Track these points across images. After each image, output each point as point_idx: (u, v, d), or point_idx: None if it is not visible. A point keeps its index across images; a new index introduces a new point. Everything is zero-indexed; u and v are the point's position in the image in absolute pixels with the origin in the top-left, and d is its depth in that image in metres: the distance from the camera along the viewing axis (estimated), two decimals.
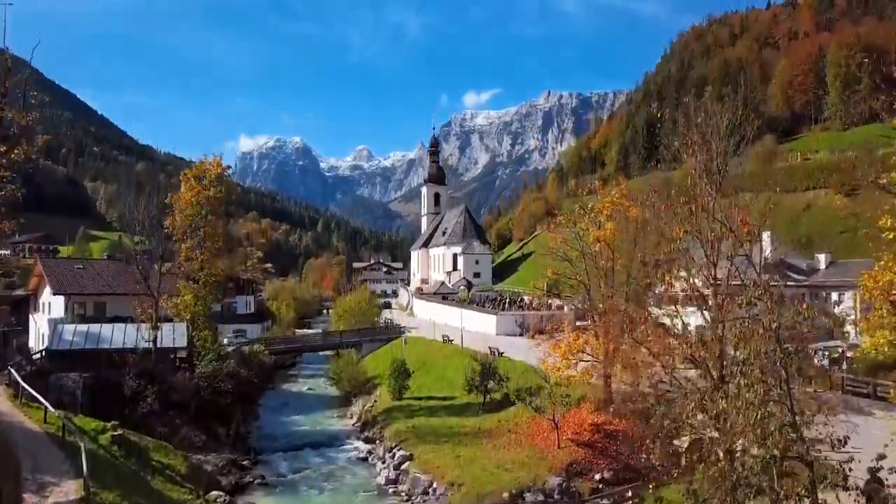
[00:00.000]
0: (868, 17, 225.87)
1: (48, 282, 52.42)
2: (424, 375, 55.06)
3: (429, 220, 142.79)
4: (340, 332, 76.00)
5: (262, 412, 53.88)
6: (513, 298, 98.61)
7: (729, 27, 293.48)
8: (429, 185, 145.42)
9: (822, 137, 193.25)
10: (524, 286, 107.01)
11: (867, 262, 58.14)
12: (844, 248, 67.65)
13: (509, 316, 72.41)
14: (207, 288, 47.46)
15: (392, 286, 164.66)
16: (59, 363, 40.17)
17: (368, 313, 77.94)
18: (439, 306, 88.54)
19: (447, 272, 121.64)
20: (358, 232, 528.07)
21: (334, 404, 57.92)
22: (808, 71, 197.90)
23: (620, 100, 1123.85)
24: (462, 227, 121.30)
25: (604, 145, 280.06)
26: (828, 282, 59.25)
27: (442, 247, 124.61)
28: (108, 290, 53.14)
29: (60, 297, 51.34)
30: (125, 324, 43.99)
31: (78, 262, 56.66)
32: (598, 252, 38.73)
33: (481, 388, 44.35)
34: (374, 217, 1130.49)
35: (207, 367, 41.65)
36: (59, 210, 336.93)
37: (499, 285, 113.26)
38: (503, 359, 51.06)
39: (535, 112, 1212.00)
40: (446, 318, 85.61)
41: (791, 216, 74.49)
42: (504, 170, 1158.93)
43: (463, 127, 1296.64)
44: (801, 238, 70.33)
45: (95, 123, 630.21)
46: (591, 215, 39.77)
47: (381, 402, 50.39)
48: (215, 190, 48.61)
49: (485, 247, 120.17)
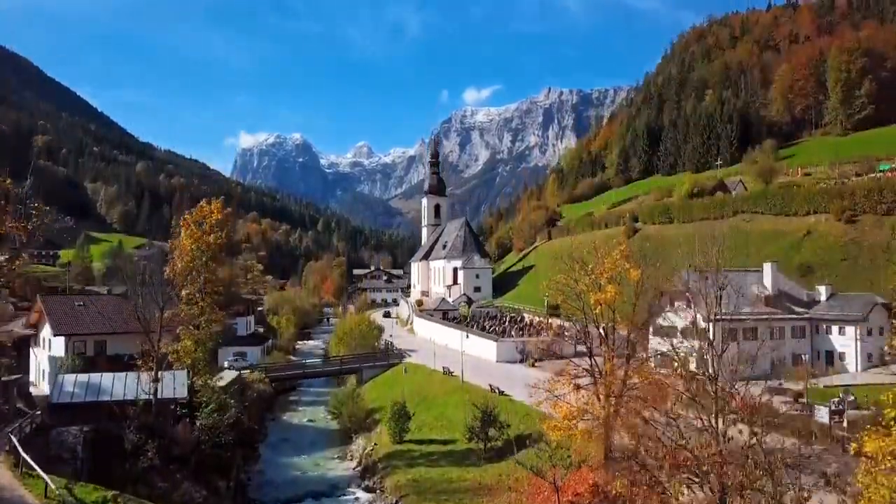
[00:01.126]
0: (869, 20, 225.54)
1: (49, 321, 52.36)
2: (425, 412, 55.04)
3: (429, 231, 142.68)
4: (341, 357, 75.96)
5: (263, 450, 53.86)
6: (513, 317, 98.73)
7: (729, 28, 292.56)
8: (429, 197, 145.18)
9: (823, 143, 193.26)
10: (524, 302, 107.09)
11: (868, 296, 58.38)
12: (845, 277, 67.66)
13: (510, 342, 72.41)
14: (208, 333, 47.38)
15: (392, 294, 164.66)
16: (60, 417, 40.13)
17: (368, 336, 77.88)
18: (440, 327, 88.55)
19: (447, 286, 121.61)
20: (358, 232, 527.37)
21: (335, 441, 57.91)
22: (809, 75, 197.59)
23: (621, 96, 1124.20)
24: (462, 240, 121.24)
25: (604, 147, 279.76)
26: (827, 315, 59.28)
27: (442, 260, 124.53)
28: (108, 329, 53.07)
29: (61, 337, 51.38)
30: (125, 373, 43.86)
31: (78, 299, 56.47)
32: (598, 314, 38.53)
33: (482, 435, 44.32)
34: (375, 214, 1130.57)
35: (208, 420, 41.56)
36: (59, 211, 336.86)
37: (499, 300, 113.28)
38: (504, 399, 51.03)
39: (536, 109, 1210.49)
40: (447, 339, 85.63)
41: (791, 242, 74.33)
42: (504, 166, 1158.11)
43: (463, 124, 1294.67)
44: (802, 266, 70.30)
45: (95, 121, 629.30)
46: (592, 277, 39.51)
47: (382, 444, 50.39)
48: (216, 235, 48.44)
49: (485, 260, 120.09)
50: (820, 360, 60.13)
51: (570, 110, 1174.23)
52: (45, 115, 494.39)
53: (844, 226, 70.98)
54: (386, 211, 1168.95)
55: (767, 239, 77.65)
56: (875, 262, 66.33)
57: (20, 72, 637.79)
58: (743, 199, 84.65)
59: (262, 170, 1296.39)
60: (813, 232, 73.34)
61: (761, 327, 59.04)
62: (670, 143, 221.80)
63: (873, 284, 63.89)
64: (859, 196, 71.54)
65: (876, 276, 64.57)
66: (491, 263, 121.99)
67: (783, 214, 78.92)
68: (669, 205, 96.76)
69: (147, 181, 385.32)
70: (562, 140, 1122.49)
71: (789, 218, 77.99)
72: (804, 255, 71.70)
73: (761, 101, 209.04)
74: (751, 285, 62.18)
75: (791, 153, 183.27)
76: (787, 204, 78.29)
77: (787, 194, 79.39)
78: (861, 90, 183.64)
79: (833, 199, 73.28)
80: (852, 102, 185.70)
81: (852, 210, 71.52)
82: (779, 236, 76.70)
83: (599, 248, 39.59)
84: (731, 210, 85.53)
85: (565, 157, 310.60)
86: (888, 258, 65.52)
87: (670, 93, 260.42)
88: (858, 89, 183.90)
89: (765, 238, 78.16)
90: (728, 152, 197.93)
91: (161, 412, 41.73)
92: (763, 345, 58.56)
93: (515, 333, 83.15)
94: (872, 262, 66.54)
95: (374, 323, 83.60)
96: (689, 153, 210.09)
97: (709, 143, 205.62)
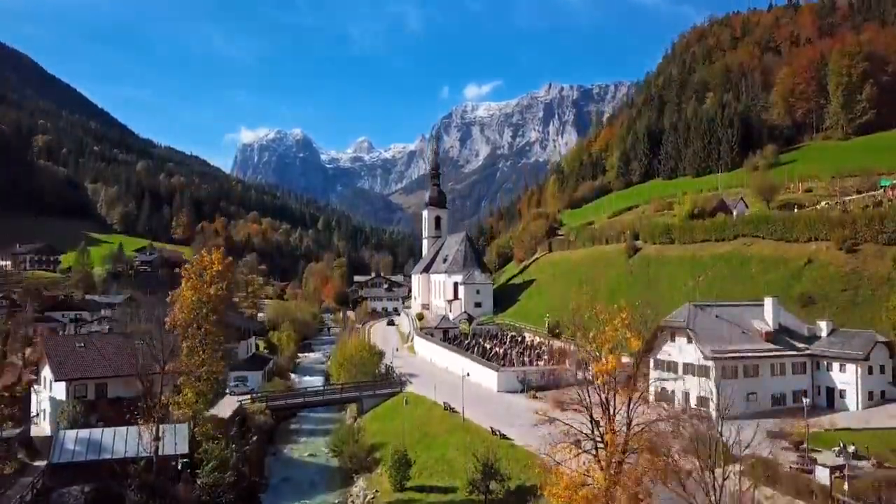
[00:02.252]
0: (870, 21, 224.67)
1: (49, 365, 52.37)
2: (425, 452, 55.09)
3: (430, 242, 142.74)
4: (341, 385, 75.98)
5: (265, 498, 53.81)
6: (514, 336, 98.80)
7: (730, 29, 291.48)
8: (430, 209, 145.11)
9: (824, 148, 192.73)
10: (525, 319, 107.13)
11: (868, 333, 58.28)
12: (845, 308, 67.55)
13: (510, 372, 72.41)
14: (209, 385, 47.36)
15: (393, 303, 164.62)
16: (61, 477, 40.26)
17: (369, 364, 77.82)
18: (441, 350, 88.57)
19: (448, 300, 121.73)
20: (359, 231, 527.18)
21: (336, 480, 57.93)
22: (810, 79, 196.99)
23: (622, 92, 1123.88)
24: (463, 255, 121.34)
25: (605, 149, 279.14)
26: (828, 352, 59.17)
27: (443, 274, 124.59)
28: (109, 371, 53.03)
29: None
30: (126, 428, 43.88)
31: (79, 339, 56.40)
32: (600, 386, 38.47)
33: (483, 487, 44.34)
34: (375, 209, 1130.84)
35: (209, 478, 41.55)
36: (59, 212, 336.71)
37: (500, 316, 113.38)
38: (505, 444, 51.00)
39: (536, 104, 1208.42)
40: (447, 362, 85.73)
41: (792, 270, 74.15)
42: (505, 162, 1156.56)
43: (464, 119, 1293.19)
44: (803, 296, 70.18)
45: (96, 118, 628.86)
46: (594, 346, 39.42)
47: (383, 491, 50.41)
48: (216, 287, 48.36)
49: (485, 275, 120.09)
50: (821, 395, 60.09)
51: (570, 106, 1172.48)
52: (45, 113, 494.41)
53: (846, 255, 70.77)
54: (386, 206, 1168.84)
55: (768, 265, 77.50)
56: (876, 294, 66.17)
57: (20, 69, 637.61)
58: (744, 223, 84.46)
59: (262, 165, 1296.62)
60: (814, 260, 73.13)
61: (762, 364, 59.07)
62: (671, 146, 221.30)
63: (874, 317, 63.82)
64: (860, 225, 71.34)
65: (877, 308, 64.45)
66: (491, 278, 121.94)
67: (784, 240, 78.69)
68: (670, 225, 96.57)
69: (147, 181, 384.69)
70: (562, 135, 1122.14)
71: (790, 244, 77.76)
72: (805, 284, 71.53)
73: (762, 105, 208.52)
74: (751, 320, 62.08)
75: (792, 158, 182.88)
76: (788, 230, 78.06)
77: (788, 220, 79.14)
78: (862, 94, 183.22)
79: (834, 228, 73.01)
80: (853, 107, 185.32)
81: (853, 239, 71.32)
82: (780, 263, 76.53)
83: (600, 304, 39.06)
84: (732, 233, 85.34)
85: (566, 158, 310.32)
86: (889, 289, 65.44)
87: (671, 95, 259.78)
88: (860, 94, 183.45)
89: (766, 264, 78.01)
90: (729, 157, 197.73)
91: (162, 470, 41.82)
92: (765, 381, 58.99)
93: (516, 356, 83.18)
94: (873, 294, 66.38)
95: (374, 348, 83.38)
96: (690, 157, 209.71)
97: (709, 148, 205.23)
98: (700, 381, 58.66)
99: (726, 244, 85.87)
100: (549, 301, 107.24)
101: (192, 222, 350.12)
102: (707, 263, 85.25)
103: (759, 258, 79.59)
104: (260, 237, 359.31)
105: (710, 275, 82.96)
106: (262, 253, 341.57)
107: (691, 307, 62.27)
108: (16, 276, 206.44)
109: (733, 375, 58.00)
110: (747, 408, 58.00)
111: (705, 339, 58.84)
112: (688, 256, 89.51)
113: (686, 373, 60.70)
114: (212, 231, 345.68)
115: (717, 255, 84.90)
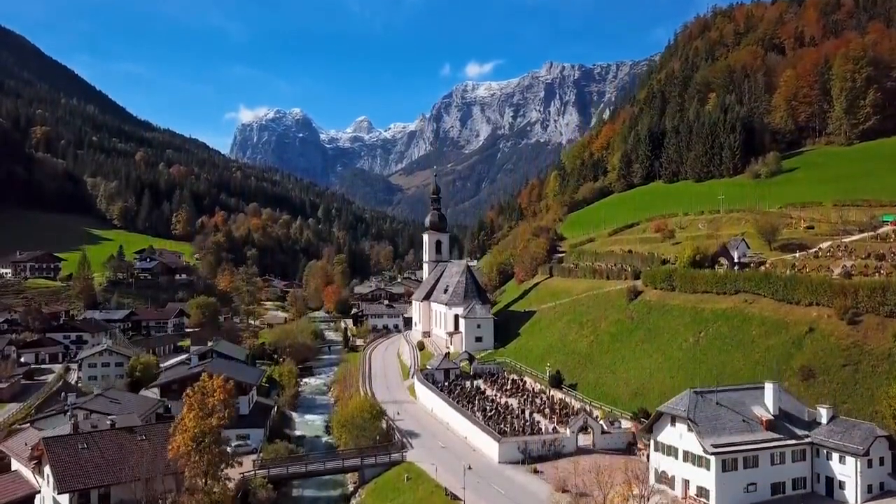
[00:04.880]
0: (875, 20, 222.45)
1: (52, 474, 52.55)
2: None
3: (430, 267, 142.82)
4: (342, 457, 76.55)
5: None
6: (515, 380, 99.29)
7: (734, 23, 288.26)
8: (430, 233, 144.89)
9: (827, 153, 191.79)
10: (526, 358, 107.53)
11: (868, 426, 58.36)
12: (846, 384, 67.67)
13: (512, 443, 72.68)
14: None
15: (393, 320, 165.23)
16: None
17: (370, 427, 78.28)
18: (443, 404, 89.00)
19: (449, 332, 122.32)
20: (359, 220, 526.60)
21: None
22: (814, 82, 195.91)
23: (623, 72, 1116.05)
24: (464, 287, 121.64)
25: (605, 147, 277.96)
26: (828, 442, 59.33)
27: (444, 306, 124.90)
28: (112, 478, 53.23)
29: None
30: None
31: (82, 439, 56.31)
32: None
33: None
34: (375, 190, 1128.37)
35: None
36: (59, 207, 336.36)
37: (501, 352, 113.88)
38: None
39: (537, 84, 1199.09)
40: (449, 418, 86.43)
41: (793, 337, 73.98)
42: (506, 142, 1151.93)
43: (464, 98, 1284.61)
44: (804, 368, 70.25)
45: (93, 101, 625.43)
46: None
47: None
48: (218, 417, 48.31)
49: (486, 307, 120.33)
50: (820, 482, 60.44)
51: (571, 86, 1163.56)
52: (42, 101, 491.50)
53: (847, 327, 70.69)
54: (386, 187, 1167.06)
55: (769, 328, 77.40)
56: (876, 371, 66.21)
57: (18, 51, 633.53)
58: (745, 279, 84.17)
59: (261, 145, 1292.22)
60: (815, 329, 73.02)
61: (762, 455, 59.30)
62: (672, 150, 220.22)
63: (874, 395, 64.06)
64: (862, 296, 71.07)
65: (878, 384, 64.65)
66: (491, 311, 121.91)
67: (785, 301, 78.52)
68: (671, 271, 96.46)
69: (147, 176, 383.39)
70: (563, 116, 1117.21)
71: (791, 306, 77.56)
72: (806, 355, 71.49)
73: (765, 107, 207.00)
74: (752, 406, 62.21)
75: (794, 165, 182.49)
76: (790, 292, 77.81)
77: (789, 281, 78.79)
78: (866, 100, 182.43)
79: (836, 295, 72.76)
80: (857, 112, 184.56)
81: (855, 309, 71.18)
82: (781, 327, 76.43)
83: None
84: (733, 288, 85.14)
85: (567, 155, 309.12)
86: (890, 366, 65.53)
87: (673, 93, 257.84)
88: (863, 99, 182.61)
89: (767, 326, 77.91)
90: (731, 163, 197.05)
91: None
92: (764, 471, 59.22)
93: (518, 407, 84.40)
94: (874, 371, 66.41)
95: (374, 407, 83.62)
96: (692, 161, 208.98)
97: (711, 153, 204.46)
98: (700, 471, 59.10)
99: (727, 299, 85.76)
100: (550, 339, 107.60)
101: (191, 218, 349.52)
102: (708, 318, 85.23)
103: (760, 319, 79.51)
104: (260, 232, 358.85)
105: (711, 332, 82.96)
106: (263, 248, 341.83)
107: (692, 394, 62.35)
108: (16, 285, 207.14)
109: (733, 468, 58.36)
110: (746, 499, 58.52)
111: (706, 430, 59.01)
112: (689, 307, 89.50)
113: (686, 460, 61.01)
114: (212, 227, 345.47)
115: (717, 311, 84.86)
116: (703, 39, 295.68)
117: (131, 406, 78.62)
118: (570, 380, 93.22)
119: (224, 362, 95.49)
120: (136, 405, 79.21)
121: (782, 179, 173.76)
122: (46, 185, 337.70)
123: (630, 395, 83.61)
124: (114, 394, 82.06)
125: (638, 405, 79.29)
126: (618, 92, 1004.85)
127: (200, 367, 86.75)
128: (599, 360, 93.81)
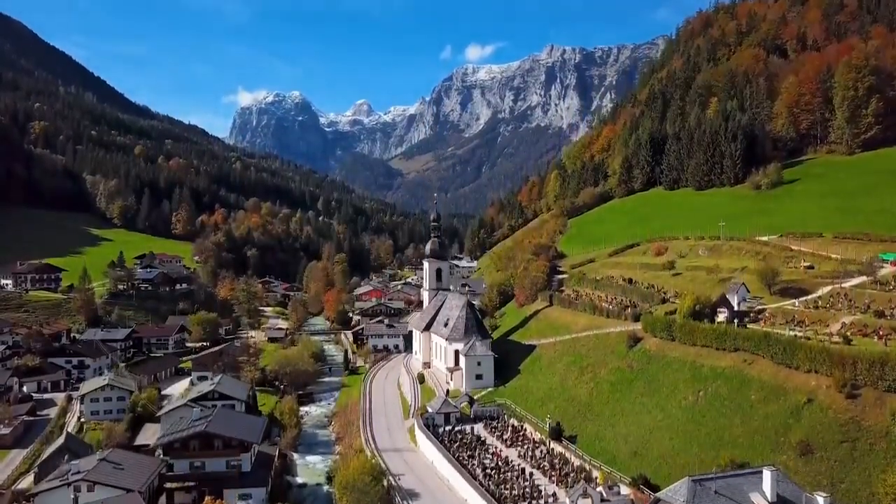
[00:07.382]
0: (879, 23, 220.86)
1: None
2: None
3: (430, 295, 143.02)
4: None
5: None
6: (514, 426, 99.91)
7: (736, 21, 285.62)
8: (430, 261, 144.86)
9: (829, 162, 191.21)
10: (526, 401, 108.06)
11: None
12: (843, 462, 67.80)
13: None
14: None
15: (394, 340, 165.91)
16: None
17: (372, 492, 78.93)
18: (443, 460, 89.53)
19: (449, 368, 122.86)
20: (359, 213, 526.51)
21: None
22: (816, 90, 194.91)
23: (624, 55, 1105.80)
24: (464, 323, 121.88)
25: (606, 149, 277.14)
26: None
27: (444, 340, 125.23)
28: None
29: None
30: None
31: None
32: None
33: None
34: (375, 175, 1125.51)
35: None
36: (58, 205, 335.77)
37: (501, 393, 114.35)
38: None
39: (538, 67, 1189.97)
40: (448, 475, 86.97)
41: (791, 407, 74.15)
42: (506, 126, 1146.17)
43: (464, 82, 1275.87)
44: (802, 443, 70.52)
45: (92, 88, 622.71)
46: None
47: None
48: None
49: (486, 343, 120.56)
50: None
51: (572, 69, 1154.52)
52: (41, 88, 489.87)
53: (845, 400, 70.82)
54: (386, 172, 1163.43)
55: (768, 394, 77.61)
56: (874, 449, 66.39)
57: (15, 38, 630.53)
58: (744, 338, 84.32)
59: (261, 129, 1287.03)
60: (814, 400, 73.11)
61: None
62: (673, 157, 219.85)
63: (871, 475, 64.33)
64: (861, 369, 71.12)
65: (875, 465, 64.87)
66: (491, 346, 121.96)
67: (785, 365, 78.71)
68: (671, 322, 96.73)
69: (146, 174, 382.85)
70: (564, 99, 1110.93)
71: (790, 371, 77.63)
72: (804, 427, 71.68)
73: (767, 114, 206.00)
74: (750, 493, 62.57)
75: (795, 176, 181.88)
76: (789, 356, 78.00)
77: (789, 346, 78.90)
78: (868, 109, 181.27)
79: (835, 366, 72.83)
80: (859, 122, 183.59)
81: (854, 381, 71.32)
82: (780, 394, 76.59)
83: None
84: (732, 345, 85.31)
85: (568, 156, 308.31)
86: (888, 445, 65.81)
87: (674, 95, 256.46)
88: (865, 108, 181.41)
89: (766, 391, 78.09)
90: (732, 172, 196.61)
91: None
92: None
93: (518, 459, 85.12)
94: (871, 448, 66.61)
95: (375, 468, 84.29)
96: (693, 169, 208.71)
97: (712, 161, 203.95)
98: None
99: (726, 356, 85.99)
100: (551, 382, 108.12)
101: (191, 217, 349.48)
102: (707, 376, 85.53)
103: (759, 382, 79.71)
104: (260, 230, 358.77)
105: (710, 392, 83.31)
106: (263, 248, 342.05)
107: (690, 483, 62.61)
108: (17, 298, 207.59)
109: None
110: None
111: None
112: (688, 361, 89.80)
113: None
114: (212, 226, 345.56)
115: (717, 370, 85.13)
116: (704, 37, 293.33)
117: (133, 469, 79.35)
118: (570, 430, 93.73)
119: (225, 414, 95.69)
120: (139, 470, 79.85)
121: (782, 192, 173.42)
122: (46, 183, 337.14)
123: (629, 454, 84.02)
124: (117, 456, 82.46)
125: (637, 467, 79.72)
126: (618, 76, 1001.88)
127: (203, 425, 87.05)
128: (599, 410, 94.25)
